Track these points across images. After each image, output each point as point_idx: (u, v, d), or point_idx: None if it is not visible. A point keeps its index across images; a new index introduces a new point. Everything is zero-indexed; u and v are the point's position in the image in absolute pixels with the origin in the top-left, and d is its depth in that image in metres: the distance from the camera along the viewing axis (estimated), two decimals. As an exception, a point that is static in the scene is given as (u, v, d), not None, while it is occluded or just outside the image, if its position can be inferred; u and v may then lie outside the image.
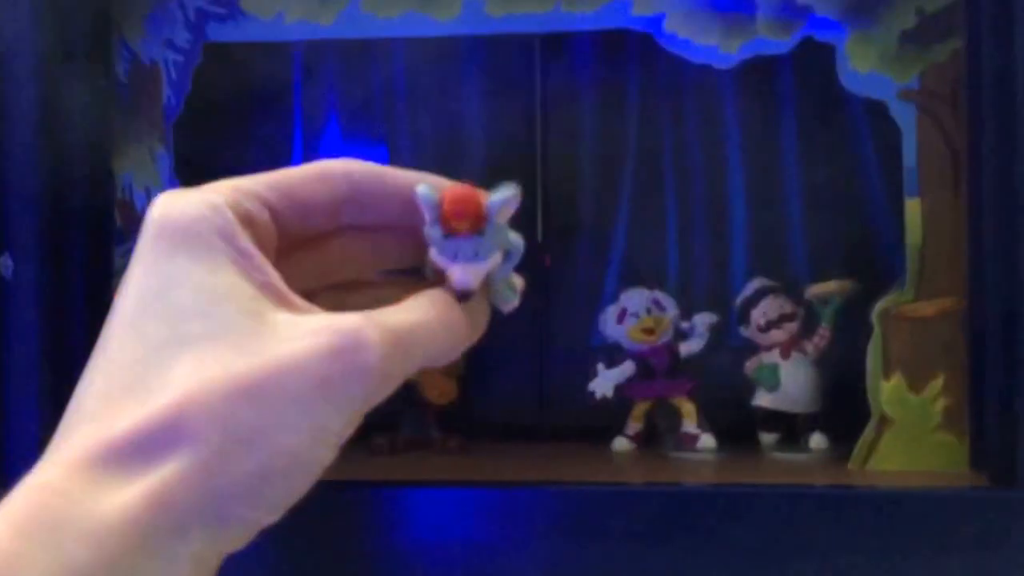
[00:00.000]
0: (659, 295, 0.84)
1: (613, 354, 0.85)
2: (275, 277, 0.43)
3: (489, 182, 0.83)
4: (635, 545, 0.62)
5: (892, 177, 0.72)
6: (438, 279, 0.49)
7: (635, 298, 0.84)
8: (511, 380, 0.63)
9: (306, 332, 0.40)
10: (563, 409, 0.88)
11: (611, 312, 0.84)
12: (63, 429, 0.39)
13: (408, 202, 0.51)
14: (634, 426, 0.84)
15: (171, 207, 0.43)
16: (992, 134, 0.64)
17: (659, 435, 0.84)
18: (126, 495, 0.36)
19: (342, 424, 0.41)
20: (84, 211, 0.71)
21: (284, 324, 0.41)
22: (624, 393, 0.84)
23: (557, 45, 0.90)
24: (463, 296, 0.48)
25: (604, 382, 0.83)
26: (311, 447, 0.40)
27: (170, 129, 0.73)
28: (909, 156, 0.69)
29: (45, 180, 0.67)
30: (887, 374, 0.69)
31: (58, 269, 0.68)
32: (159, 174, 0.73)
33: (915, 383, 0.69)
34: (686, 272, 0.90)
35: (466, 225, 0.50)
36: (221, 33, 0.73)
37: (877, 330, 0.69)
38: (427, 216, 0.50)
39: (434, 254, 0.49)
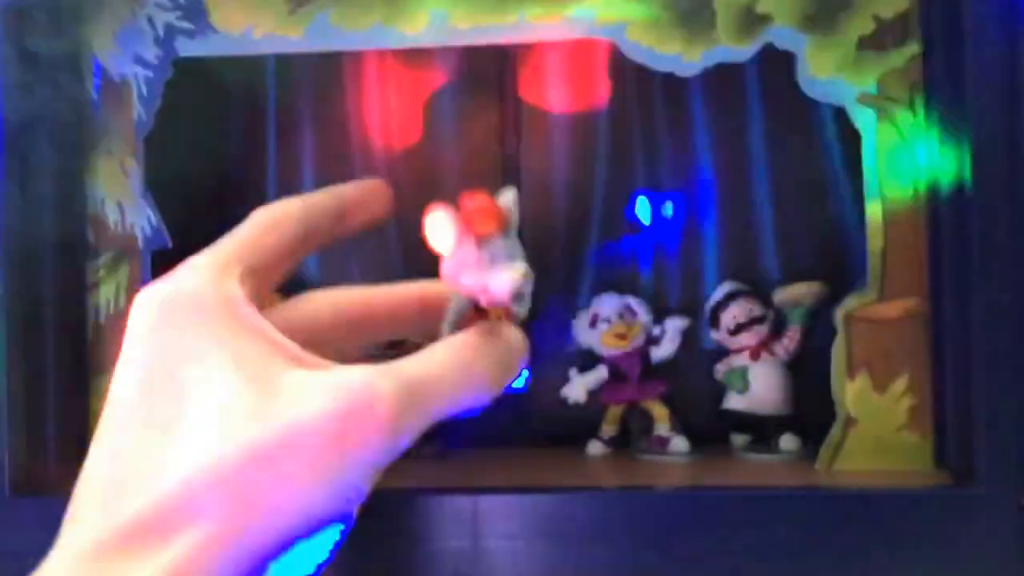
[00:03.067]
0: (631, 300, 0.84)
1: (587, 359, 0.85)
2: (279, 335, 0.43)
3: (462, 190, 0.83)
4: (609, 548, 0.62)
5: (857, 180, 0.72)
6: (460, 329, 0.49)
7: (607, 304, 0.84)
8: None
9: (316, 391, 0.40)
10: (538, 414, 0.88)
11: (583, 318, 0.85)
12: (72, 517, 0.39)
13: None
14: (608, 430, 0.84)
15: (166, 287, 0.43)
16: (945, 137, 0.65)
17: (632, 439, 0.85)
18: None
19: (360, 482, 0.41)
20: (56, 226, 0.71)
21: (294, 385, 0.40)
22: (597, 398, 0.84)
23: (527, 55, 0.90)
24: (514, 300, 0.47)
25: (577, 387, 0.84)
26: (330, 508, 0.40)
27: (141, 144, 0.74)
28: (869, 160, 0.69)
29: (16, 196, 0.67)
30: (851, 375, 0.70)
31: (30, 284, 0.69)
32: (131, 188, 0.74)
33: (879, 384, 0.69)
34: (657, 277, 0.91)
35: (495, 224, 0.49)
36: (190, 48, 0.74)
37: (841, 332, 0.70)
38: (449, 238, 0.49)
39: (467, 278, 0.48)
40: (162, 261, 0.75)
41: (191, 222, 0.79)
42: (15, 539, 0.65)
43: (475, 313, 0.48)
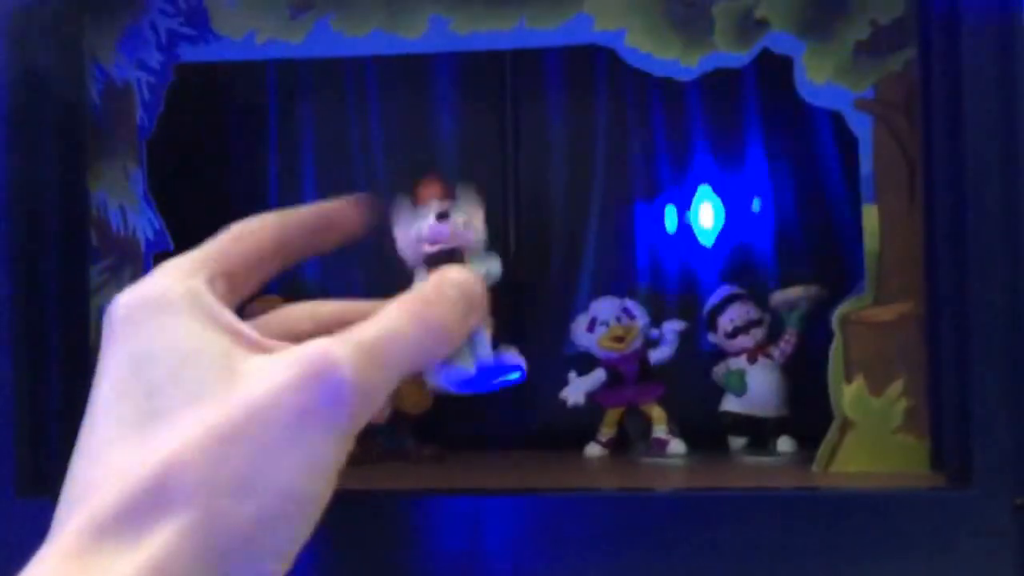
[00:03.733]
0: (629, 303, 0.85)
1: (585, 362, 0.86)
2: (244, 326, 0.44)
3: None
4: (608, 549, 0.62)
5: (853, 184, 0.73)
6: None
7: (605, 307, 0.85)
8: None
9: (275, 368, 0.41)
10: (537, 417, 0.89)
11: (582, 321, 0.85)
12: (56, 517, 0.40)
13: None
14: (606, 432, 0.85)
15: (132, 293, 0.44)
16: (942, 142, 0.65)
17: (630, 441, 0.86)
18: (120, 572, 0.37)
19: (332, 451, 0.41)
20: (59, 230, 0.72)
21: (256, 368, 0.41)
22: (596, 400, 0.85)
23: (525, 61, 0.91)
24: (436, 239, 0.49)
25: (576, 390, 0.84)
26: (306, 483, 0.40)
27: (143, 148, 0.74)
28: (866, 164, 0.70)
29: (20, 200, 0.68)
30: (848, 378, 0.70)
31: (33, 287, 0.69)
32: (133, 192, 0.74)
33: (876, 386, 0.70)
34: (655, 280, 0.92)
35: (436, 190, 0.52)
36: (193, 54, 0.74)
37: (837, 335, 0.70)
38: (405, 218, 0.53)
39: (411, 233, 0.51)
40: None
41: (193, 225, 0.80)
42: (19, 539, 0.65)
43: None
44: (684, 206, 0.92)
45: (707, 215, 0.91)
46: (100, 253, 0.75)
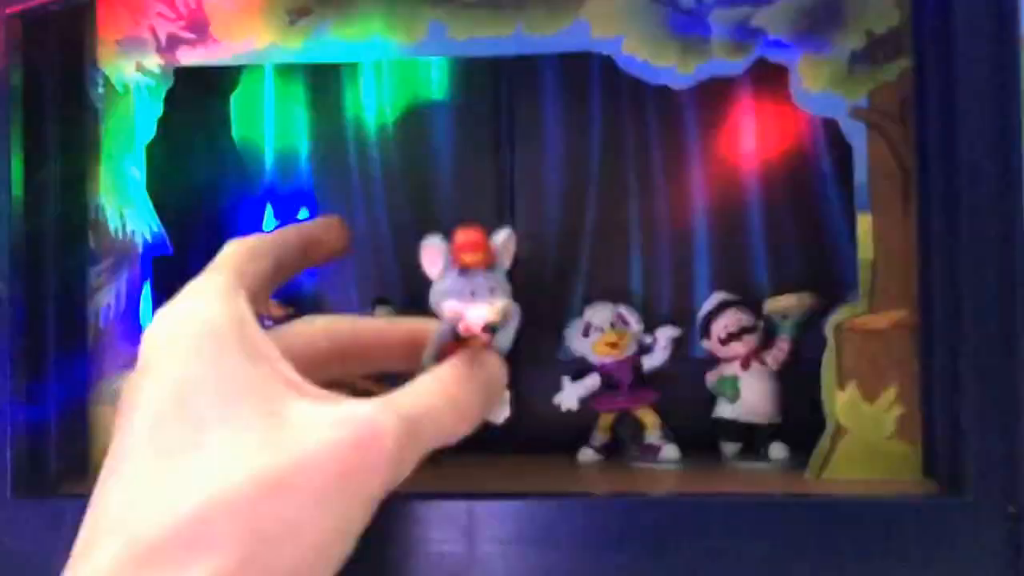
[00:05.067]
0: (623, 310, 0.85)
1: (579, 368, 0.86)
2: (288, 368, 0.44)
3: (457, 199, 0.85)
4: (601, 554, 0.63)
5: (848, 193, 0.73)
6: (441, 359, 0.51)
7: (599, 313, 0.85)
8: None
9: (323, 424, 0.41)
10: (531, 422, 0.89)
11: (576, 326, 0.86)
12: (85, 540, 0.40)
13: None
14: (600, 437, 0.85)
15: (177, 311, 0.44)
16: (936, 151, 0.66)
17: (624, 446, 0.86)
18: None
19: (362, 515, 0.42)
20: (58, 232, 0.72)
21: (302, 416, 0.41)
22: (589, 406, 0.85)
23: (521, 67, 0.91)
24: (487, 329, 0.49)
25: (570, 395, 0.85)
26: (335, 540, 0.41)
27: (142, 151, 0.74)
28: (860, 172, 0.70)
29: (19, 201, 0.68)
30: (841, 385, 0.70)
31: (33, 289, 0.69)
32: (132, 195, 0.74)
33: (869, 394, 0.70)
34: (649, 287, 0.92)
35: (480, 256, 0.51)
36: (192, 57, 0.75)
37: (831, 342, 0.70)
38: (439, 264, 0.52)
39: (449, 305, 0.50)
40: (162, 266, 0.75)
41: (191, 228, 0.80)
42: (16, 540, 0.66)
43: (455, 343, 0.50)
44: (678, 213, 0.92)
45: (699, 222, 0.92)
46: (98, 255, 0.75)
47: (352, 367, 0.55)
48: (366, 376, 0.64)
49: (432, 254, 0.52)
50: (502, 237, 0.53)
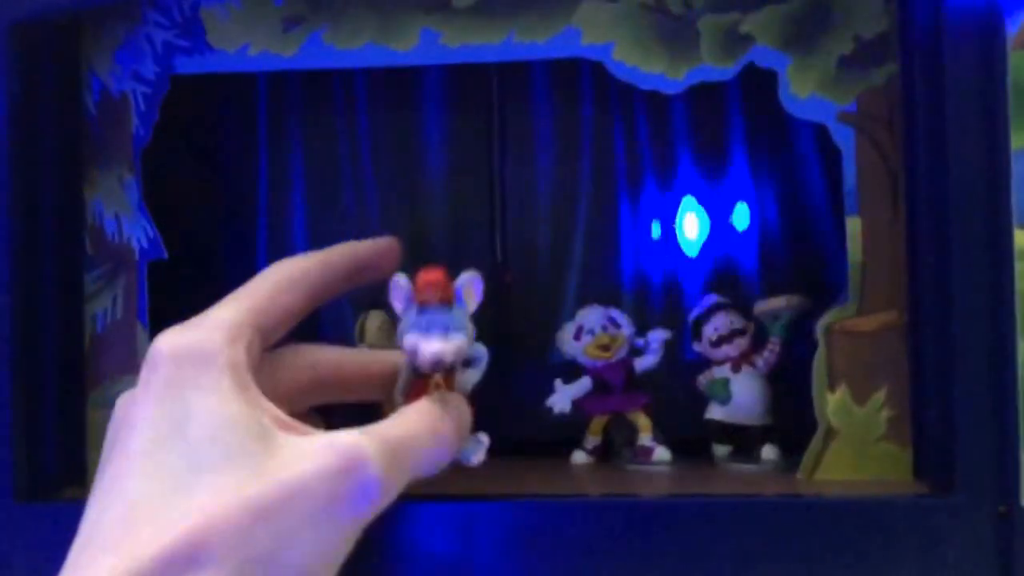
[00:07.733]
0: (614, 313, 0.85)
1: (571, 370, 0.86)
2: (268, 404, 0.46)
3: (449, 204, 0.85)
4: (593, 555, 0.63)
5: (837, 196, 0.73)
6: (409, 401, 0.53)
7: (591, 316, 0.85)
8: (472, 398, 0.64)
9: (310, 452, 0.43)
10: (523, 424, 0.89)
11: (568, 329, 0.86)
12: (78, 558, 0.41)
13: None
14: (592, 440, 0.85)
15: (182, 339, 0.46)
16: (925, 154, 0.66)
17: (616, 448, 0.86)
18: None
19: (346, 539, 0.44)
20: (55, 237, 0.72)
21: (290, 446, 0.43)
22: (581, 408, 0.85)
23: (512, 73, 0.92)
24: (435, 367, 0.51)
25: (562, 398, 0.85)
26: (321, 564, 0.43)
27: (138, 157, 0.75)
28: (849, 176, 0.71)
29: (16, 208, 0.68)
30: (832, 387, 0.71)
31: (30, 295, 0.70)
32: (128, 201, 0.75)
33: (859, 395, 0.71)
34: (641, 290, 0.92)
35: (437, 294, 0.53)
36: (188, 65, 0.75)
37: (821, 344, 0.71)
38: (401, 302, 0.54)
39: (409, 340, 0.52)
40: (158, 272, 0.76)
41: (187, 234, 0.80)
42: (17, 544, 0.66)
43: (418, 379, 0.52)
44: (669, 217, 0.92)
45: (692, 226, 0.92)
46: (95, 261, 0.75)
47: (332, 397, 0.56)
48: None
49: (397, 291, 0.54)
50: (465, 279, 0.55)
